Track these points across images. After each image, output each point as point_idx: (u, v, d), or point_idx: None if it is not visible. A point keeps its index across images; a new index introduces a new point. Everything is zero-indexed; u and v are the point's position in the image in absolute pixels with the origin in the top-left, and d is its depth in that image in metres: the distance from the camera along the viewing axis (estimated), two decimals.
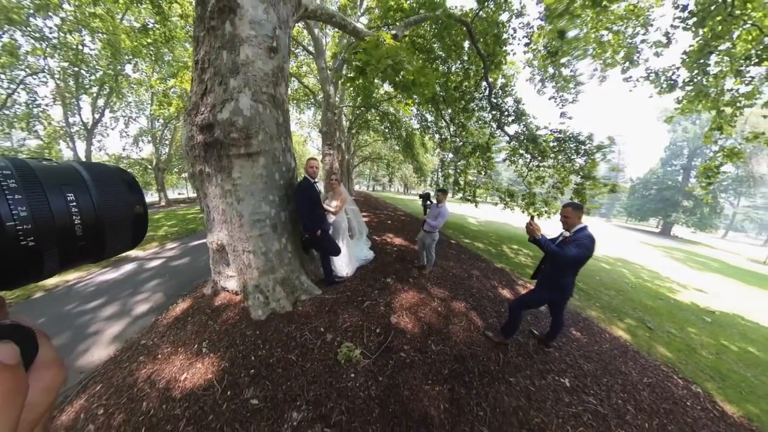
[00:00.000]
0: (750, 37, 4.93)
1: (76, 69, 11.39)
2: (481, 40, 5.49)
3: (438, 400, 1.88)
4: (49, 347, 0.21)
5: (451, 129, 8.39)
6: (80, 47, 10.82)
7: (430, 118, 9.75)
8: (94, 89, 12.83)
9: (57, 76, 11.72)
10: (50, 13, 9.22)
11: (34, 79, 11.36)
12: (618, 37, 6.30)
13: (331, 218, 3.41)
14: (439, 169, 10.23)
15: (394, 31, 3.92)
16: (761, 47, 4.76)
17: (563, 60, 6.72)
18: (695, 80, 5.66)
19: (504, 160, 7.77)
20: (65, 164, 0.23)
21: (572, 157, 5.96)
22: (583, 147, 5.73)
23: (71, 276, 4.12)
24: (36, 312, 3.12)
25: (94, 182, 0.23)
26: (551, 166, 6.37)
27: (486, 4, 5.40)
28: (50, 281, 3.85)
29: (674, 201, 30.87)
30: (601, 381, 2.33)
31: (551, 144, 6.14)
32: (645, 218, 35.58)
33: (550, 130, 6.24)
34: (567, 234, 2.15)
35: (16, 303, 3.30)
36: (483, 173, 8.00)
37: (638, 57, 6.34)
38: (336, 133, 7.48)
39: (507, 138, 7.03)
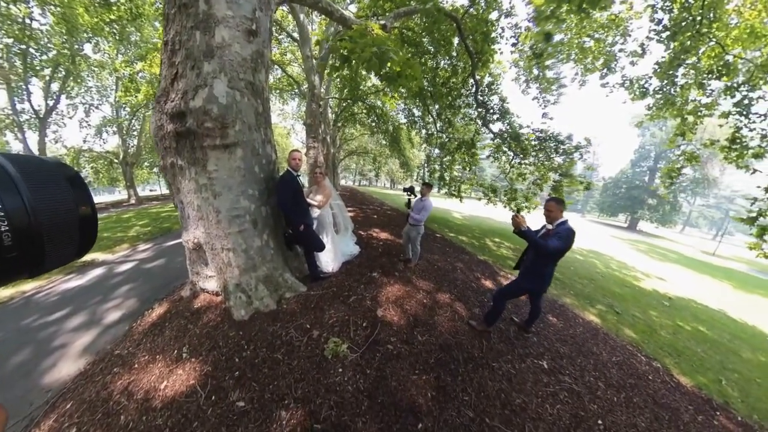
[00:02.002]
0: (713, 54, 5.46)
1: (24, 47, 9.90)
2: (470, 37, 5.53)
3: (425, 389, 1.92)
4: None
5: (438, 124, 8.47)
6: (27, 21, 9.38)
7: (417, 113, 9.76)
8: (47, 71, 11.28)
9: (0, 56, 10.22)
10: None
11: None
12: (599, 44, 6.69)
13: (315, 212, 3.33)
14: (425, 165, 10.33)
15: (383, 22, 3.82)
16: (722, 63, 5.31)
17: (548, 62, 6.97)
18: (664, 89, 6.21)
19: (488, 157, 8.02)
20: None
21: (552, 156, 6.26)
22: (562, 146, 6.04)
23: (27, 286, 3.71)
24: None
25: (25, 179, 0.18)
26: (532, 163, 6.67)
27: (476, 1, 5.44)
28: (2, 293, 3.47)
29: (641, 199, 34.04)
30: (575, 362, 2.53)
31: (533, 142, 6.42)
32: (615, 214, 39.17)
33: (532, 130, 6.50)
34: (550, 227, 2.27)
35: None
36: (468, 169, 8.22)
37: (616, 65, 6.82)
38: (321, 126, 7.28)
39: (491, 135, 7.22)
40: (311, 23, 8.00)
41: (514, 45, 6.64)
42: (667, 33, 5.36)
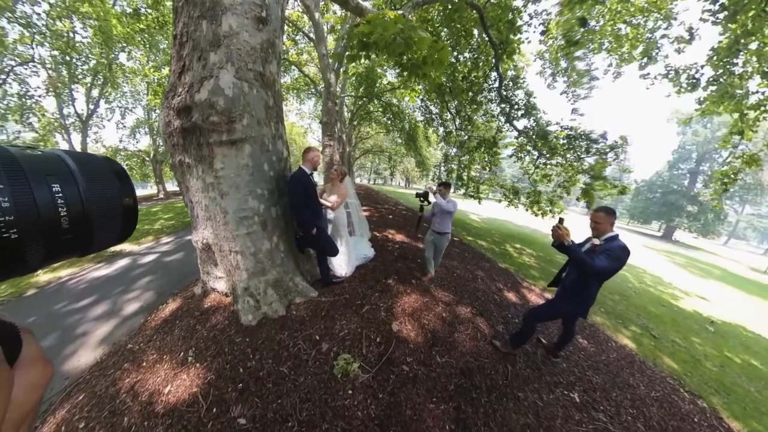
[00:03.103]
0: None
1: (68, 58, 10.91)
2: (493, 26, 5.12)
3: (443, 421, 1.68)
4: (33, 344, 0.21)
5: (457, 122, 8.08)
6: (71, 34, 10.34)
7: (434, 110, 9.39)
8: (88, 79, 12.36)
9: (48, 65, 11.25)
10: None
11: (25, 68, 10.90)
12: (637, 30, 5.96)
13: (331, 214, 3.15)
14: (442, 164, 9.97)
15: (400, 11, 3.59)
16: None
17: (578, 53, 6.37)
18: (720, 80, 5.27)
19: (510, 156, 7.50)
20: (50, 153, 0.21)
21: (582, 156, 5.68)
22: (594, 146, 5.45)
23: (64, 272, 4.00)
24: (27, 311, 3.02)
25: (81, 172, 0.22)
26: (559, 164, 6.09)
27: None
28: (43, 277, 3.80)
29: (679, 205, 30.62)
30: (610, 395, 2.19)
31: (561, 141, 5.86)
32: (648, 221, 35.36)
33: (561, 127, 5.93)
34: (597, 242, 1.90)
35: (7, 300, 3.19)
36: (488, 169, 7.76)
37: (657, 53, 6.01)
38: (337, 124, 7.18)
39: (515, 133, 6.74)
40: (327, 23, 7.93)
41: (543, 33, 6.12)
42: (725, 13, 4.56)
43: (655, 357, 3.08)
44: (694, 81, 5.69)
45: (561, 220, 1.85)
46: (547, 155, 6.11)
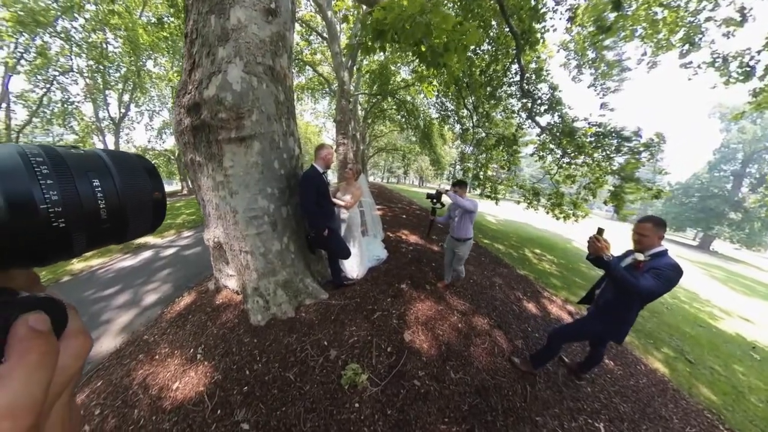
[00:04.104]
0: None
1: (102, 67, 11.97)
2: (515, 16, 4.79)
3: None
4: (77, 319, 0.24)
5: (474, 118, 7.75)
6: (104, 45, 11.40)
7: (450, 106, 9.08)
8: (120, 85, 13.46)
9: (85, 74, 12.39)
10: (75, 14, 9.77)
11: (66, 78, 12.06)
12: (676, 13, 5.34)
13: (344, 214, 3.06)
14: (458, 162, 9.64)
15: None
16: None
17: (607, 41, 5.85)
18: None
19: (531, 155, 7.07)
20: (90, 152, 0.24)
21: (612, 156, 5.16)
22: (627, 144, 4.90)
23: (95, 261, 4.32)
24: (61, 295, 3.24)
25: (117, 169, 0.23)
26: (585, 164, 5.60)
27: None
28: (77, 266, 4.12)
29: (719, 211, 26.91)
30: (639, 428, 1.93)
31: (589, 139, 5.35)
32: (682, 228, 31.35)
33: (589, 123, 5.42)
34: (641, 258, 1.61)
35: (47, 285, 3.43)
36: (506, 168, 7.35)
37: (701, 38, 5.35)
38: (351, 123, 7.13)
39: (537, 130, 6.33)
40: (339, 23, 7.88)
41: (569, 20, 5.67)
42: None
43: (691, 386, 2.72)
44: (748, 69, 5.00)
45: (600, 231, 1.62)
46: (572, 154, 5.67)
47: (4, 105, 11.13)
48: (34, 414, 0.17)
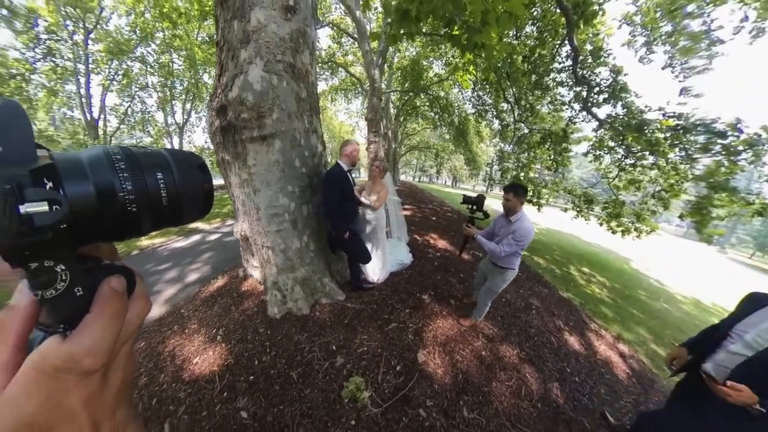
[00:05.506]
0: None
1: (169, 82, 14.71)
2: None
3: None
4: (142, 285, 0.29)
5: (516, 112, 7.04)
6: (170, 64, 13.98)
7: (488, 100, 8.40)
8: (182, 96, 16.21)
9: (157, 89, 15.32)
10: (149, 41, 12.19)
11: (144, 92, 15.15)
12: None
13: (369, 214, 2.95)
14: (496, 162, 8.91)
15: None
16: None
17: (690, 6, 4.71)
18: None
19: (585, 154, 6.13)
20: (156, 151, 0.28)
21: (695, 156, 4.15)
22: (719, 141, 3.76)
23: (157, 240, 5.13)
24: (130, 265, 4.10)
25: (175, 165, 0.28)
26: (656, 165, 4.62)
27: None
28: (144, 242, 4.94)
29: None
30: None
31: (664, 135, 4.33)
32: None
33: (665, 114, 4.35)
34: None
35: (122, 256, 4.26)
36: (552, 170, 6.49)
37: None
38: (383, 121, 7.07)
39: (594, 124, 5.45)
40: (369, 22, 7.83)
41: None
42: None
43: None
44: None
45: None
46: (639, 154, 4.75)
47: (102, 116, 14.27)
48: (107, 355, 0.23)
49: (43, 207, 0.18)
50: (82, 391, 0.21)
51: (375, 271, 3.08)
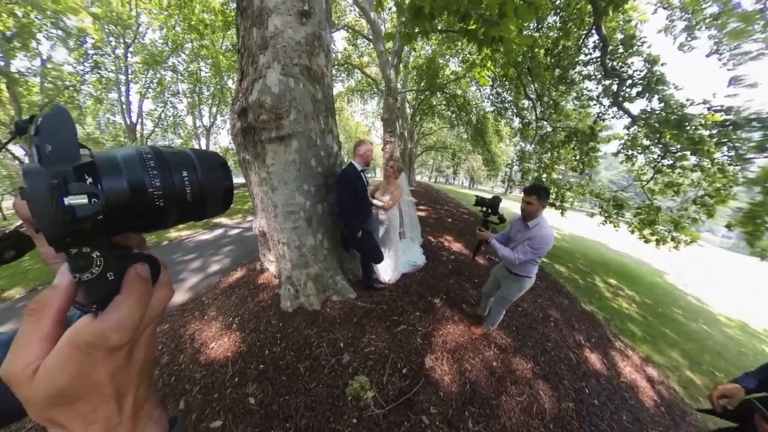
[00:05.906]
0: None
1: (197, 88, 16.21)
2: None
3: None
4: (166, 274, 0.31)
5: (538, 110, 6.72)
6: (198, 72, 15.53)
7: (508, 97, 8.09)
8: (209, 101, 17.75)
9: (187, 95, 16.90)
10: (179, 52, 13.62)
11: (175, 98, 16.79)
12: None
13: (383, 215, 2.98)
14: (516, 163, 8.54)
15: None
16: None
17: None
18: None
19: (615, 154, 5.69)
20: (183, 150, 0.31)
21: (747, 156, 3.68)
22: None
23: (184, 232, 5.55)
24: (159, 255, 4.58)
25: (200, 164, 0.30)
26: (698, 167, 4.18)
27: None
28: (172, 234, 5.38)
29: None
30: None
31: (709, 132, 3.87)
32: None
33: (710, 108, 3.89)
34: None
35: (152, 246, 4.70)
36: (578, 171, 6.05)
37: None
38: (398, 120, 7.08)
39: (626, 121, 5.05)
40: (384, 22, 7.85)
41: None
42: None
43: None
44: None
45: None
46: (678, 154, 4.32)
47: (139, 120, 15.94)
48: (132, 333, 0.25)
49: (84, 200, 0.20)
50: (109, 366, 0.24)
51: (387, 271, 3.10)
